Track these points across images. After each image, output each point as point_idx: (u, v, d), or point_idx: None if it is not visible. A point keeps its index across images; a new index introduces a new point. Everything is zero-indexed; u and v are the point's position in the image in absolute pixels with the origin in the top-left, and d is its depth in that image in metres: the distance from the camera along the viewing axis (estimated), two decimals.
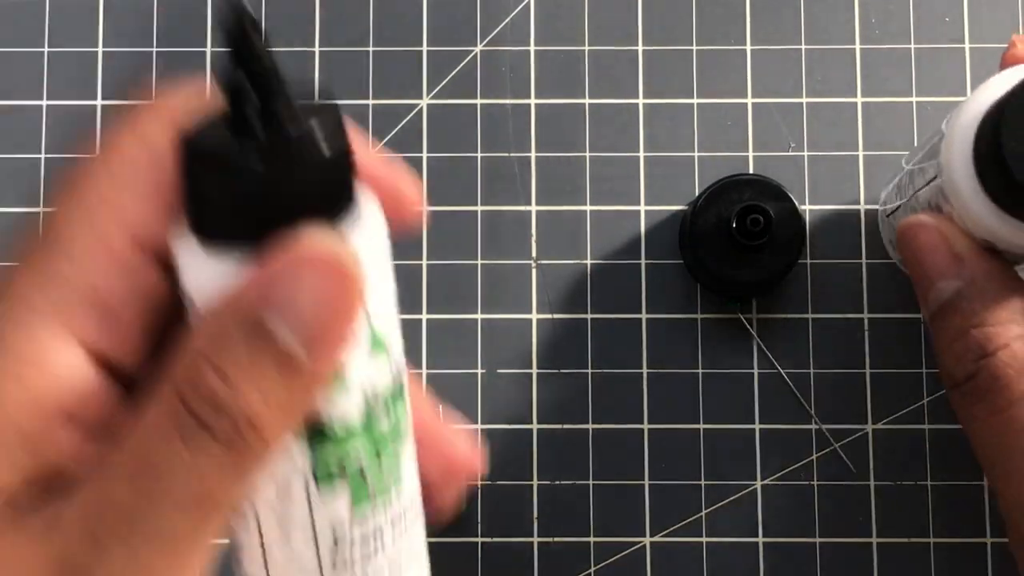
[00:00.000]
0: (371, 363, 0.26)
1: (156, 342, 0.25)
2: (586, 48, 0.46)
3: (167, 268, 0.25)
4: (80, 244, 0.24)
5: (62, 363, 0.23)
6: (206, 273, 0.24)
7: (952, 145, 0.33)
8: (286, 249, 0.23)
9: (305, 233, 0.23)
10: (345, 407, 0.25)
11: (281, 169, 0.23)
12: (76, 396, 0.23)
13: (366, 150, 0.27)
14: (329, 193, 0.24)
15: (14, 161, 0.46)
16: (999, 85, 0.32)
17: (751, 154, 0.46)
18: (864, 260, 0.45)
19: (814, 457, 0.44)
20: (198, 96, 0.25)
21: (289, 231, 0.23)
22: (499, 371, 0.45)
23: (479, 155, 0.46)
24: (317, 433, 0.25)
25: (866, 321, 0.45)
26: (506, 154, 0.46)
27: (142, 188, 0.24)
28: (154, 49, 0.47)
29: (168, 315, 0.25)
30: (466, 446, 0.31)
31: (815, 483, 0.44)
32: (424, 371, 0.45)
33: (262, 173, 0.23)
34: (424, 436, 0.29)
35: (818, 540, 0.44)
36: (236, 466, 0.23)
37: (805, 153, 0.46)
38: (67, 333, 0.23)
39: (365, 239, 0.25)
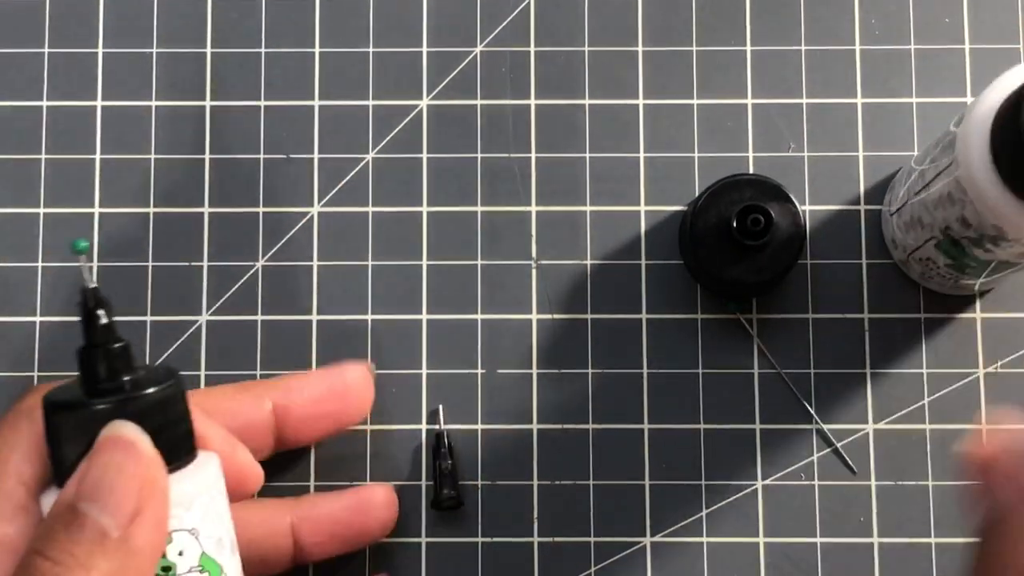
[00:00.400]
0: None
1: None
2: (586, 48, 0.47)
3: None
4: None
5: None
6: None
7: (969, 136, 0.34)
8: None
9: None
10: None
11: (107, 408, 0.30)
12: None
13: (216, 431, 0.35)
14: (158, 440, 0.30)
15: (14, 161, 0.46)
16: (1015, 76, 0.34)
17: (751, 154, 0.46)
18: (864, 260, 0.45)
19: (814, 457, 0.44)
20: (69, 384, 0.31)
21: None
22: (499, 371, 0.45)
23: (479, 155, 0.46)
24: None
25: (866, 321, 0.45)
26: (506, 155, 0.46)
27: (26, 449, 0.31)
28: (154, 49, 0.47)
29: None
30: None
31: (815, 483, 0.44)
32: (424, 371, 0.45)
33: (89, 412, 0.29)
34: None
35: (818, 540, 0.44)
36: None
37: (805, 153, 0.46)
38: None
39: (189, 485, 0.31)
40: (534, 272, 0.45)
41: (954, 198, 0.36)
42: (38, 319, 0.45)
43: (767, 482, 0.44)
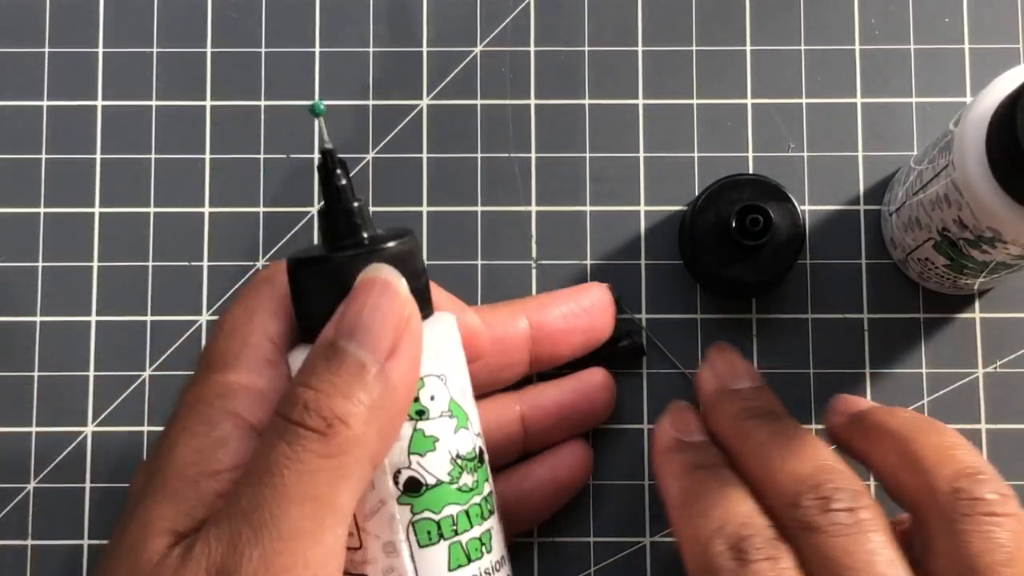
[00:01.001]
0: (452, 431, 0.31)
1: None
2: (586, 48, 0.47)
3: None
4: (238, 354, 0.32)
5: (217, 433, 0.30)
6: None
7: (965, 138, 0.34)
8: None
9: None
10: (435, 463, 0.31)
11: (351, 258, 0.31)
12: (228, 455, 0.30)
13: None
14: None
15: (14, 161, 0.46)
16: (1011, 79, 0.34)
17: (751, 154, 0.46)
18: (864, 260, 0.45)
19: None
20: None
21: None
22: None
23: (479, 155, 0.46)
24: (414, 487, 0.31)
25: (866, 321, 0.45)
26: (506, 154, 0.46)
27: (271, 310, 0.32)
28: (154, 49, 0.47)
29: None
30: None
31: None
32: None
33: (335, 262, 0.30)
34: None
35: None
36: (334, 459, 0.28)
37: (805, 153, 0.46)
38: (227, 415, 0.31)
39: (433, 335, 0.32)
40: (534, 272, 0.45)
41: (951, 199, 0.36)
42: (38, 319, 0.45)
43: None
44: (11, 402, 0.45)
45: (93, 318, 0.45)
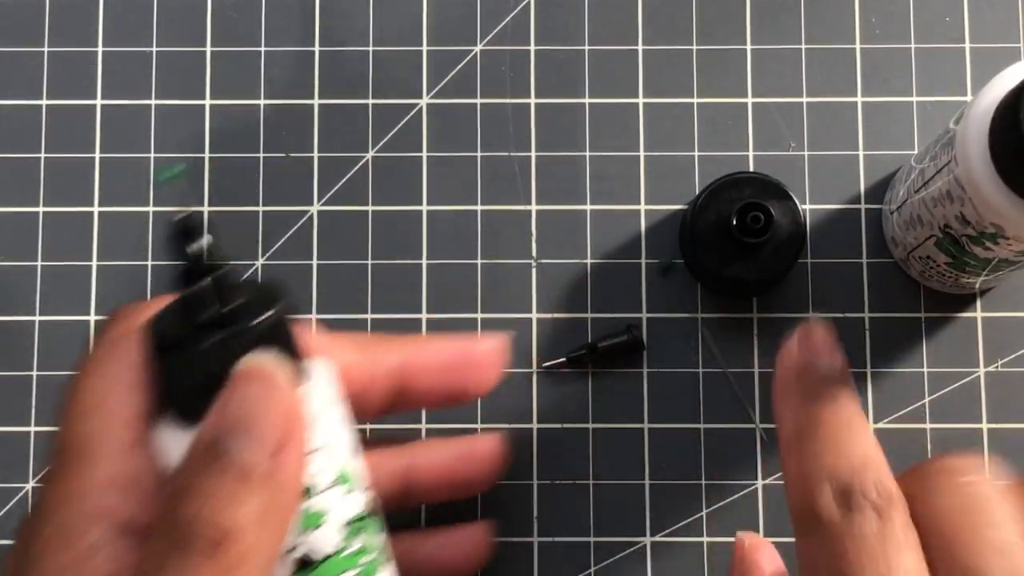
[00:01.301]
0: (341, 497, 0.30)
1: None
2: (586, 48, 0.47)
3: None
4: (99, 439, 0.28)
5: (87, 541, 0.27)
6: (175, 442, 0.28)
7: (968, 133, 0.34)
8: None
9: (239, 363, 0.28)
10: (325, 537, 0.29)
11: (222, 341, 0.28)
12: (103, 563, 0.27)
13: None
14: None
15: (13, 160, 0.46)
16: (1014, 75, 0.34)
17: (751, 153, 0.46)
18: (865, 259, 0.45)
19: None
20: (163, 302, 0.30)
21: None
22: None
23: (479, 155, 0.46)
24: (305, 566, 0.29)
25: (867, 320, 0.45)
26: (506, 154, 0.46)
27: (131, 381, 0.29)
28: (154, 49, 0.47)
29: None
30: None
31: None
32: None
33: (204, 347, 0.28)
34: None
35: None
36: (230, 574, 0.26)
37: (805, 153, 0.46)
38: (95, 517, 0.27)
39: (314, 401, 0.29)
40: (534, 272, 0.45)
41: (953, 195, 0.36)
42: (37, 319, 0.45)
43: (767, 482, 0.44)
44: (10, 401, 0.45)
45: (92, 317, 0.45)
